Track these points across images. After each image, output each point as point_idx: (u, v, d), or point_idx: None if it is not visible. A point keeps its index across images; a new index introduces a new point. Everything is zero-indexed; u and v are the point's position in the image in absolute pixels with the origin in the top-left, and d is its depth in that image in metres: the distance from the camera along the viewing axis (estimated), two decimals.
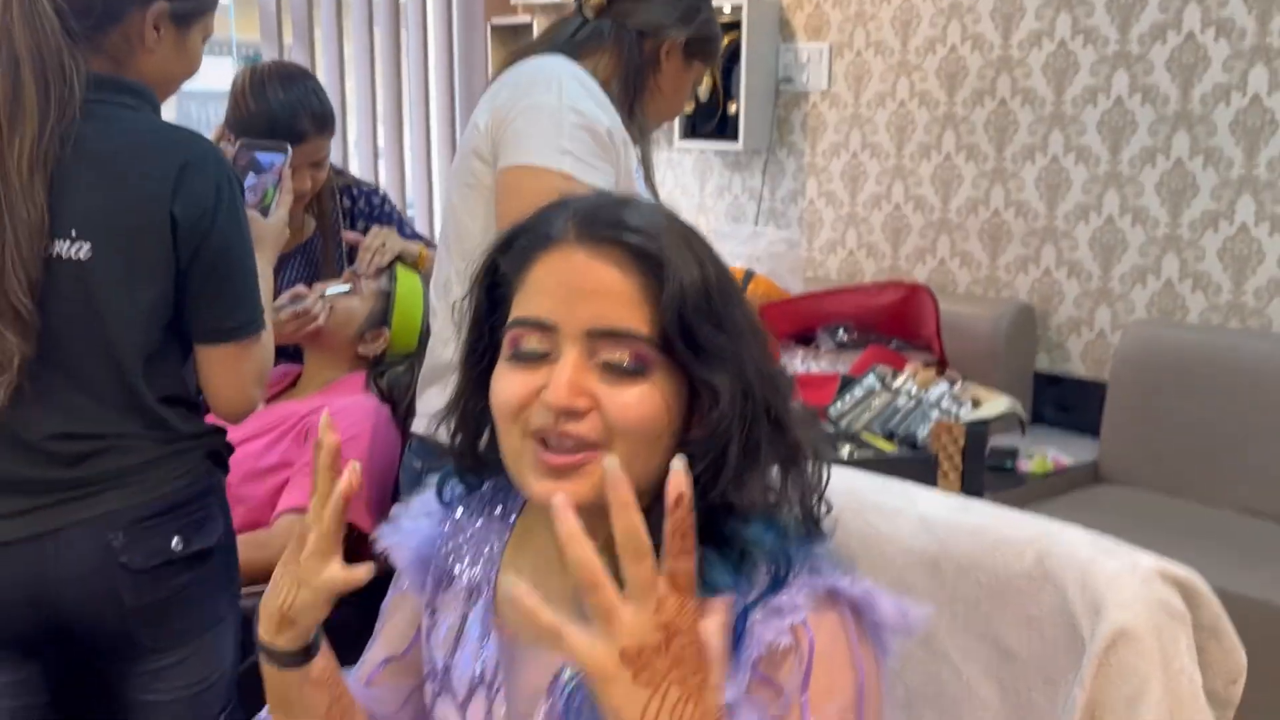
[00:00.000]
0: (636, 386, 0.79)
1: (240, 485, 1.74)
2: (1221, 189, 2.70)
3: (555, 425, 0.79)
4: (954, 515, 1.03)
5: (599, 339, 0.79)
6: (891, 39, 3.32)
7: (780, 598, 0.78)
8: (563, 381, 0.78)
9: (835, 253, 3.56)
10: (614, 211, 0.83)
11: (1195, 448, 2.63)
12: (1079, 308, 3.01)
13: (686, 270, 0.80)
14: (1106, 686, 0.87)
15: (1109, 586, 0.89)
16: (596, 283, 0.80)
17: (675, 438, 0.82)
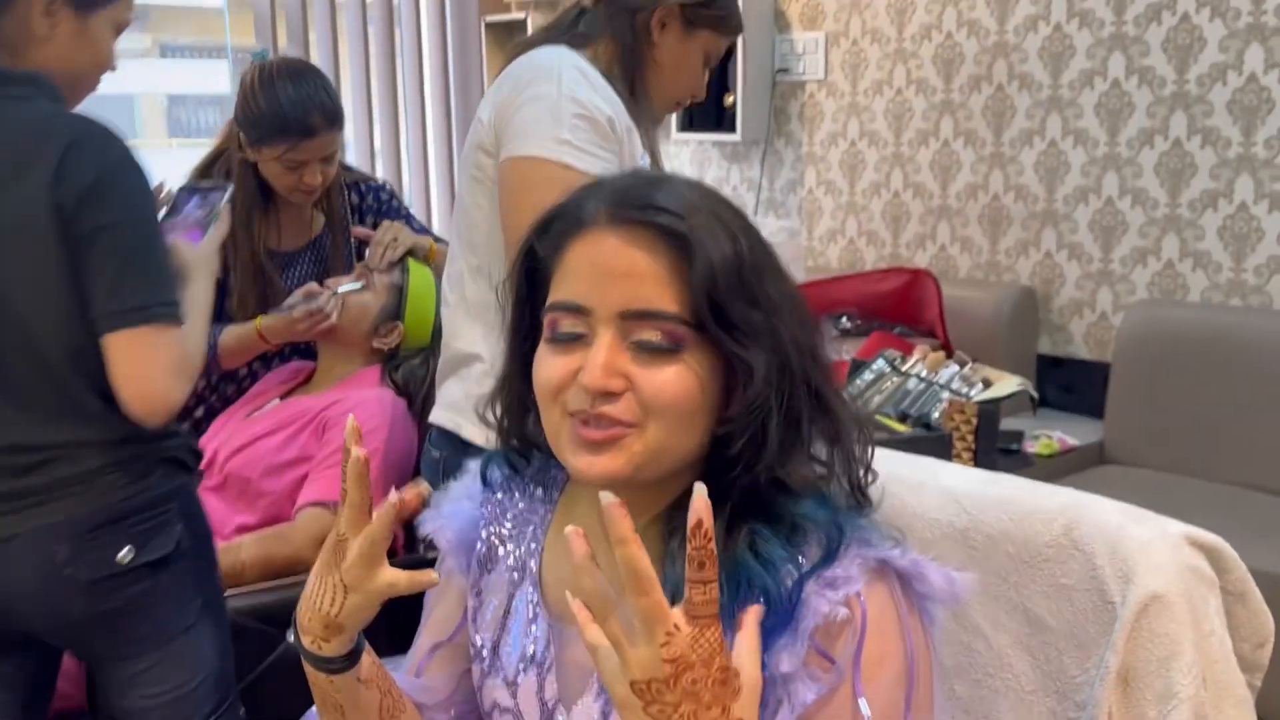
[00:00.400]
0: (671, 366, 0.80)
1: (261, 480, 1.75)
2: (1220, 168, 2.72)
3: (592, 406, 0.80)
4: (981, 488, 1.04)
5: (632, 320, 0.80)
6: (887, 27, 3.34)
7: (834, 570, 0.79)
8: (597, 364, 0.80)
9: (836, 241, 3.57)
10: (644, 192, 0.83)
11: (1199, 426, 2.65)
12: (1080, 290, 3.03)
13: (716, 248, 0.80)
14: (1139, 651, 0.89)
15: (1139, 553, 0.91)
16: (628, 265, 0.81)
17: (713, 415, 0.83)
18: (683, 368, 0.80)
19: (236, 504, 1.77)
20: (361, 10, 3.94)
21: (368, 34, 3.96)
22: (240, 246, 1.96)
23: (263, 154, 1.91)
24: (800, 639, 0.78)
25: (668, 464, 0.83)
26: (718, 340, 0.81)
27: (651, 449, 0.81)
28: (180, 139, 10.90)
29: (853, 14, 3.42)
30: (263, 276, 1.98)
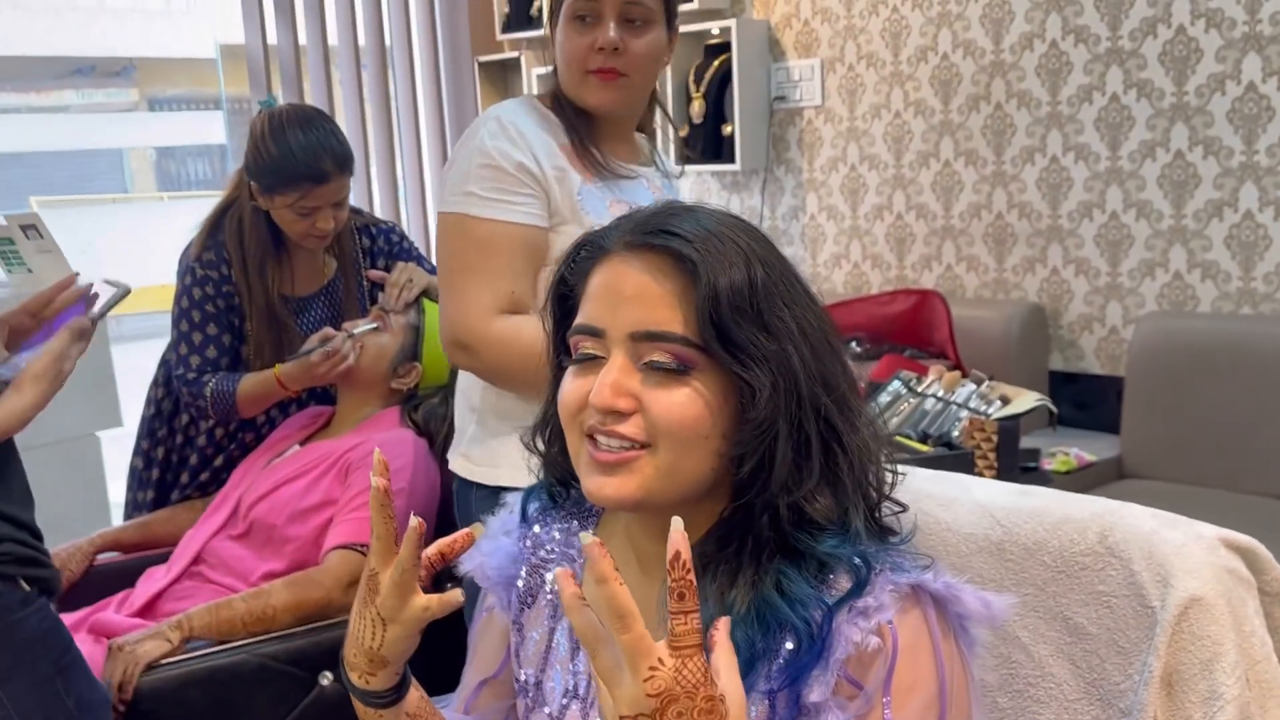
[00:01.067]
0: (680, 388, 0.83)
1: (286, 526, 1.78)
2: (1223, 178, 2.77)
3: (603, 424, 0.84)
4: (1014, 500, 1.07)
5: (642, 341, 0.84)
6: (882, 51, 3.39)
7: (865, 599, 0.81)
8: (606, 383, 0.83)
9: (840, 266, 3.61)
10: (662, 219, 0.87)
11: (1217, 436, 2.68)
12: (1089, 305, 3.06)
13: (725, 272, 0.83)
14: (1180, 654, 0.91)
15: (1175, 557, 0.93)
16: (639, 287, 0.85)
17: (724, 439, 0.85)
18: (691, 390, 0.83)
19: (263, 551, 1.80)
20: (354, 56, 4.00)
21: (362, 79, 4.02)
22: (255, 294, 2.00)
23: (275, 202, 1.95)
24: (831, 669, 0.80)
25: (682, 487, 0.85)
26: (722, 361, 0.83)
27: (662, 471, 0.84)
28: (171, 192, 10.98)
29: (847, 40, 3.47)
30: (278, 323, 2.02)
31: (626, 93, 1.54)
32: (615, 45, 1.49)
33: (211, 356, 2.01)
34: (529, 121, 1.54)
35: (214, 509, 1.92)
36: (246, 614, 1.65)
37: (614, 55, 1.50)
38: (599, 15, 1.50)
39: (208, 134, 6.81)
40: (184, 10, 9.17)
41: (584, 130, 1.56)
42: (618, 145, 1.61)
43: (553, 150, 1.52)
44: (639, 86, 1.56)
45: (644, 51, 1.52)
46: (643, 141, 1.70)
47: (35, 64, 12.90)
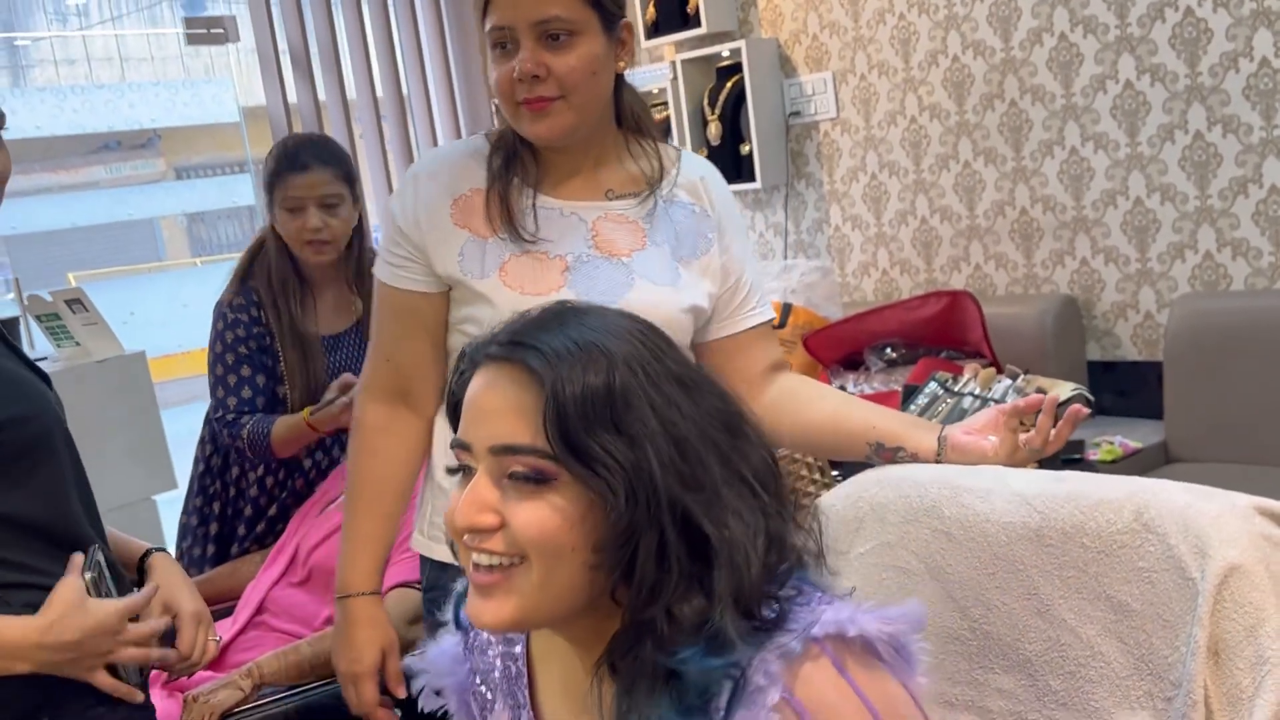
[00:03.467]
0: (538, 499, 0.83)
1: None
2: (1245, 155, 2.77)
3: (472, 542, 0.86)
4: (1048, 486, 1.10)
5: (502, 455, 0.85)
6: (893, 58, 3.43)
7: (755, 679, 0.79)
8: (466, 501, 0.85)
9: (869, 274, 3.64)
10: (528, 329, 0.88)
11: (1261, 413, 2.67)
12: (1121, 292, 3.07)
13: (576, 381, 0.83)
14: (1224, 622, 0.93)
15: (1211, 527, 0.96)
16: (496, 401, 0.86)
17: (593, 550, 0.84)
18: (549, 503, 0.83)
19: (323, 597, 1.84)
20: (374, 108, 4.09)
21: (383, 130, 4.11)
22: (285, 329, 2.12)
23: (274, 211, 2.11)
24: None
25: (561, 602, 0.85)
26: (574, 472, 0.83)
27: (536, 585, 0.84)
28: (203, 256, 11.19)
29: (857, 51, 3.52)
30: (310, 356, 2.13)
31: (565, 117, 1.37)
32: (533, 72, 1.33)
33: (247, 397, 2.12)
34: (444, 170, 1.46)
35: (273, 559, 1.97)
36: (313, 657, 1.70)
37: (537, 83, 1.34)
38: (515, 40, 1.35)
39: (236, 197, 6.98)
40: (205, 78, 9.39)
41: (530, 169, 1.44)
42: (586, 174, 1.46)
43: (444, 206, 1.43)
44: (581, 106, 1.38)
45: (573, 68, 1.35)
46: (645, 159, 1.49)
47: (64, 143, 13.22)
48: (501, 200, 1.42)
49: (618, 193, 1.47)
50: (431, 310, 1.46)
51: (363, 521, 1.48)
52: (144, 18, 10.88)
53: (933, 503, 1.18)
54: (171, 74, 10.18)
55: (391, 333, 1.48)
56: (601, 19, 1.37)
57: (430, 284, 1.45)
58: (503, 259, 1.41)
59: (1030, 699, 1.09)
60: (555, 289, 1.39)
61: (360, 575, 1.47)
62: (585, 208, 1.45)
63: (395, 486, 1.49)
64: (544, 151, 1.45)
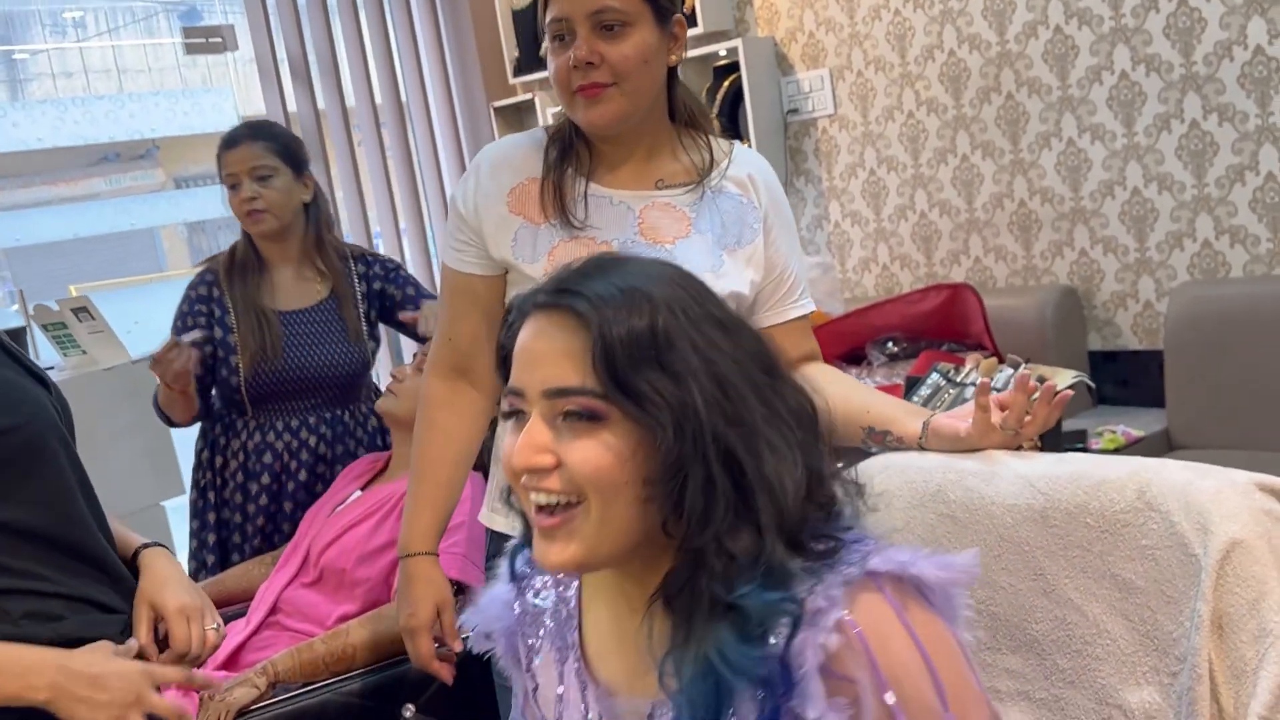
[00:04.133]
0: (592, 438, 0.87)
1: (356, 568, 1.85)
2: (1241, 143, 2.79)
3: (530, 483, 0.89)
4: (1051, 468, 1.11)
5: (555, 397, 0.88)
6: (889, 54, 3.45)
7: (816, 601, 0.83)
8: (522, 443, 0.89)
9: (869, 270, 3.66)
10: (573, 277, 0.92)
11: (1263, 399, 2.69)
12: (1121, 282, 3.09)
13: (622, 323, 0.87)
14: (1227, 596, 0.95)
15: (1211, 503, 0.98)
16: (546, 346, 0.90)
17: (645, 485, 0.87)
18: (600, 439, 0.87)
19: (336, 595, 1.87)
20: (373, 115, 4.11)
21: (382, 137, 4.13)
22: (238, 301, 2.27)
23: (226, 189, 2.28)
24: (810, 680, 0.81)
25: (621, 538, 0.88)
26: (624, 410, 0.87)
27: (596, 522, 0.87)
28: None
29: (853, 47, 3.54)
30: (261, 329, 2.25)
31: (618, 104, 1.43)
32: (587, 59, 1.40)
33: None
34: (504, 160, 1.54)
35: (285, 560, 1.99)
36: (327, 655, 1.72)
37: (591, 70, 1.41)
38: (572, 31, 1.42)
39: None
40: (203, 88, 9.40)
41: (584, 160, 1.51)
42: (637, 164, 1.52)
43: (501, 194, 1.51)
44: (633, 93, 1.43)
45: (626, 56, 1.41)
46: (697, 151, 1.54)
47: (63, 155, 13.23)
48: (555, 189, 1.49)
49: (668, 183, 1.52)
50: (489, 291, 1.54)
51: (424, 488, 1.56)
52: (141, 29, 10.90)
53: (938, 487, 1.19)
54: (169, 84, 10.20)
55: (452, 313, 1.57)
56: (654, 12, 1.44)
57: (488, 267, 1.53)
58: (552, 244, 1.49)
59: (1038, 678, 1.11)
60: None
61: (419, 536, 1.54)
62: (634, 197, 1.51)
63: (454, 456, 1.57)
64: (598, 143, 1.51)
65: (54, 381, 1.45)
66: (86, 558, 1.38)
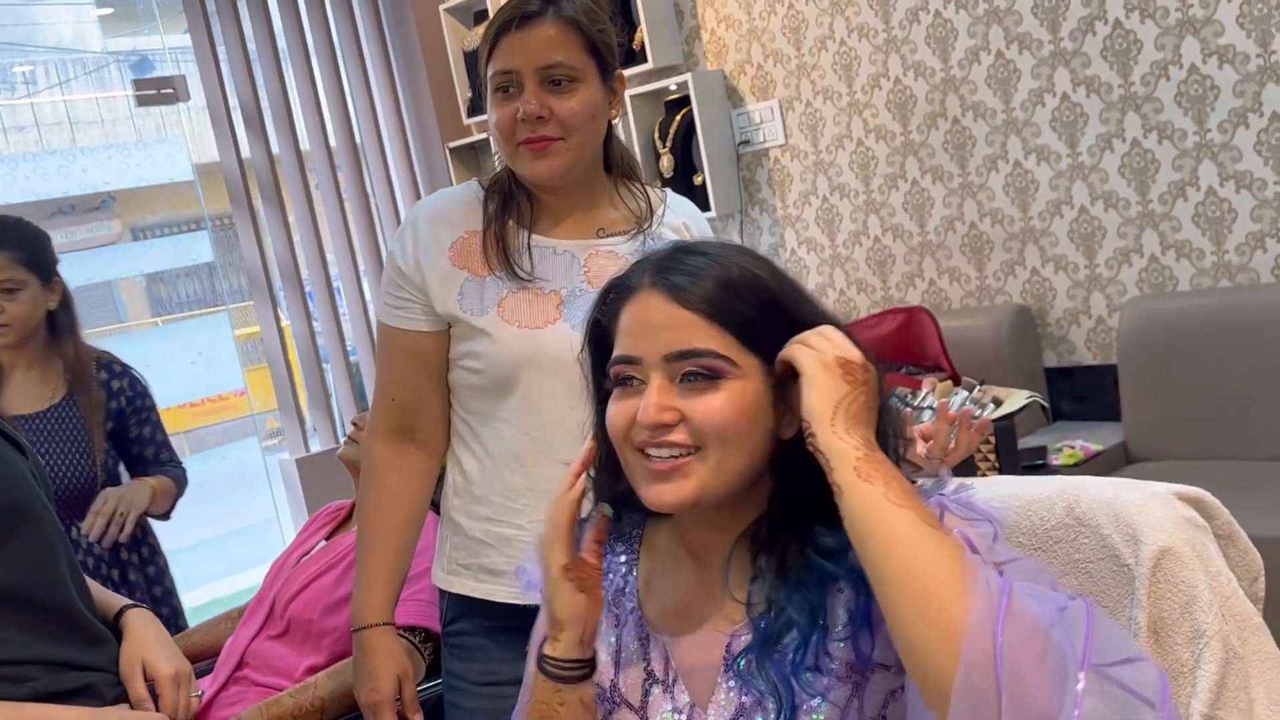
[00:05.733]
0: (716, 393, 0.96)
1: (323, 619, 1.86)
2: (1181, 159, 2.88)
3: (653, 438, 0.97)
4: (983, 491, 1.15)
5: (675, 361, 0.97)
6: (837, 84, 3.53)
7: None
8: (651, 403, 0.97)
9: (826, 295, 3.72)
10: (676, 255, 1.03)
11: (1215, 409, 2.76)
12: (1073, 299, 3.16)
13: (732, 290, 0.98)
14: (1160, 602, 1.00)
15: (1139, 515, 1.02)
16: (667, 316, 0.99)
17: (769, 437, 0.98)
18: (727, 394, 0.97)
19: (303, 647, 1.88)
20: (328, 159, 4.15)
21: (338, 180, 4.17)
22: None
23: None
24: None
25: (733, 483, 0.98)
26: (745, 363, 0.97)
27: (712, 469, 0.96)
28: (164, 316, 11.19)
29: (801, 78, 3.61)
30: None
31: (564, 158, 1.46)
32: (538, 114, 1.42)
33: None
34: (442, 215, 1.54)
35: (251, 612, 2.00)
36: (296, 709, 1.74)
37: (540, 124, 1.43)
38: (520, 84, 1.43)
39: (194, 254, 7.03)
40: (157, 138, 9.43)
41: (525, 211, 1.52)
42: (579, 215, 1.54)
43: (443, 248, 1.51)
44: (579, 146, 1.47)
45: (574, 112, 1.44)
46: (634, 200, 1.58)
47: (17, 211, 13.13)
48: (498, 241, 1.50)
49: (608, 231, 1.56)
50: (434, 347, 1.53)
51: (375, 556, 1.54)
52: (92, 81, 10.92)
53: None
54: (123, 136, 10.22)
55: (396, 372, 1.55)
56: (599, 68, 1.48)
57: (432, 322, 1.52)
58: (500, 296, 1.49)
59: None
60: (551, 321, 1.48)
61: (374, 607, 1.53)
62: (577, 246, 1.54)
63: (404, 520, 1.56)
64: (539, 194, 1.53)
65: (25, 444, 1.46)
66: (67, 620, 1.39)
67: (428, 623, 1.79)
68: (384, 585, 1.53)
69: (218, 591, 5.48)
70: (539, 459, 1.47)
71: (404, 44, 4.33)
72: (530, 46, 1.43)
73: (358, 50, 4.26)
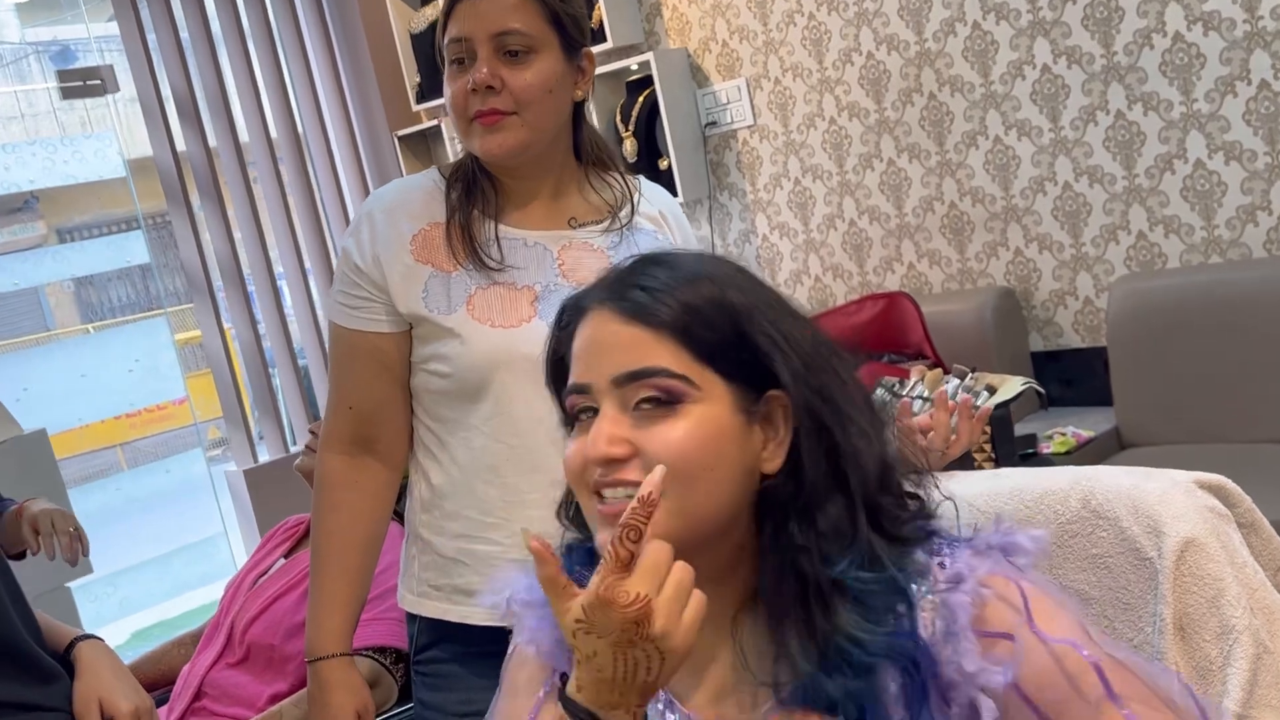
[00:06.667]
0: (674, 421, 0.89)
1: (285, 643, 1.83)
2: (1168, 131, 2.89)
3: (605, 476, 0.89)
4: (989, 484, 1.15)
5: (627, 385, 0.90)
6: (806, 60, 3.52)
7: (954, 568, 0.89)
8: (600, 434, 0.89)
9: (801, 282, 3.71)
10: (635, 270, 0.95)
11: (1210, 391, 2.77)
12: (1058, 280, 3.17)
13: (698, 296, 0.91)
14: (1186, 596, 0.99)
15: (1159, 505, 1.01)
16: (616, 334, 0.91)
17: (745, 472, 0.90)
18: (687, 421, 0.89)
19: (265, 674, 1.84)
20: (269, 151, 4.09)
21: (281, 174, 4.11)
22: None
23: None
24: (963, 637, 0.86)
25: (701, 529, 0.89)
26: (706, 384, 0.89)
27: (674, 512, 0.86)
28: (96, 322, 11.02)
29: (769, 55, 3.60)
30: None
31: (517, 133, 1.41)
32: (487, 83, 1.38)
33: None
34: (400, 206, 1.49)
35: (208, 639, 1.96)
36: None
37: (491, 95, 1.39)
38: (473, 53, 1.40)
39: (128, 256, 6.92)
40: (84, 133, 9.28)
41: (490, 199, 1.48)
42: (545, 203, 1.51)
43: (404, 242, 1.46)
44: (534, 123, 1.42)
45: (529, 84, 1.39)
46: (607, 189, 1.54)
47: None
48: (463, 231, 1.45)
49: (580, 221, 1.52)
50: (397, 350, 1.47)
51: (330, 581, 1.48)
52: (10, 73, 10.73)
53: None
54: (45, 131, 10.03)
55: (352, 378, 1.48)
56: (562, 41, 1.43)
57: (394, 323, 1.46)
58: (469, 292, 1.44)
59: None
60: (527, 319, 1.42)
61: (331, 637, 1.47)
62: (549, 237, 1.49)
63: (362, 542, 1.49)
64: (503, 180, 1.49)
65: None
66: (12, 656, 1.36)
67: (398, 643, 1.76)
68: (341, 612, 1.47)
69: (164, 613, 5.40)
70: (516, 469, 1.42)
71: (347, 27, 4.27)
72: (485, 12, 1.39)
73: (297, 34, 4.20)
